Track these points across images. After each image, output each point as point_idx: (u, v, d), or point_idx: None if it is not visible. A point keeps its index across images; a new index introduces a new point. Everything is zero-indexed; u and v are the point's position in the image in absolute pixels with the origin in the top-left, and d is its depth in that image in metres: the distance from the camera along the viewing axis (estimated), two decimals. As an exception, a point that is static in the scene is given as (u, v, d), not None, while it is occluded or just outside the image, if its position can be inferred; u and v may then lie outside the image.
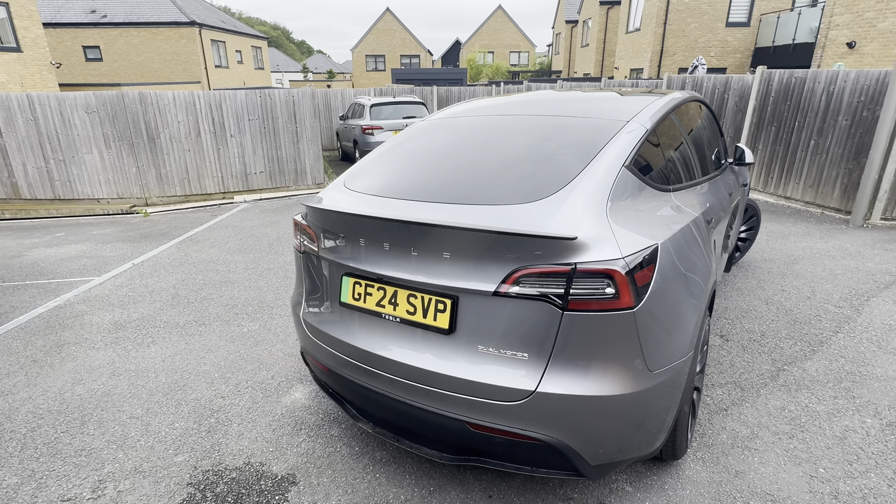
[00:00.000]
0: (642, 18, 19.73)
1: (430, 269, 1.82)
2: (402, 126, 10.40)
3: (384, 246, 1.91)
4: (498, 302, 1.72)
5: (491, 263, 1.71)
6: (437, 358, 1.83)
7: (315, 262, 2.24)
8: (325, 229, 2.14)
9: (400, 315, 1.92)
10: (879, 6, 10.79)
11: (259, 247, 5.92)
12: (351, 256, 2.03)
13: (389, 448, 2.49)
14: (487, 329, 1.75)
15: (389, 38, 42.40)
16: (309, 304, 2.31)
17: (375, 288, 1.98)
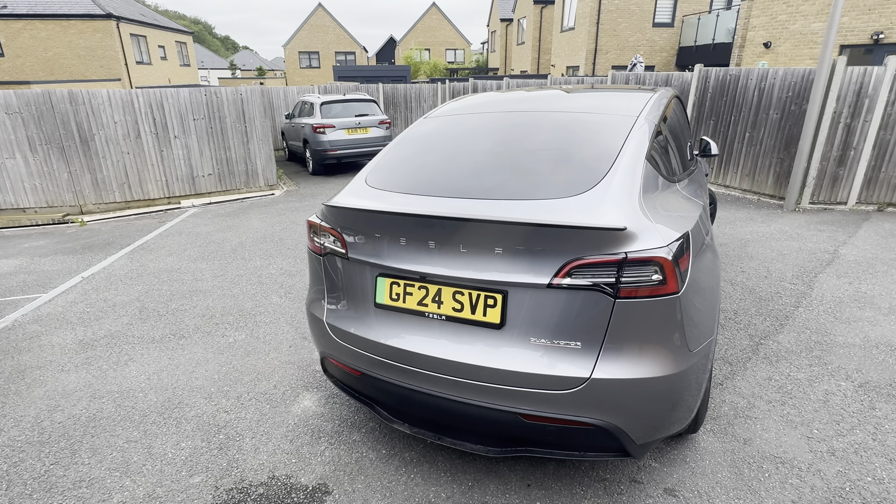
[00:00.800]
0: (576, 18, 20.49)
1: (479, 265, 1.83)
2: (356, 124, 10.22)
3: (429, 244, 1.90)
4: (550, 294, 1.76)
5: (543, 257, 1.75)
6: (487, 353, 1.85)
7: (341, 264, 2.18)
8: (355, 230, 2.09)
9: (445, 313, 1.92)
10: (790, 10, 11.86)
11: (222, 253, 5.63)
12: (388, 256, 2.00)
13: (417, 448, 2.47)
14: (539, 321, 1.79)
15: (323, 35, 41.35)
16: (334, 307, 2.25)
17: (416, 287, 1.97)
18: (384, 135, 10.55)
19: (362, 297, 2.13)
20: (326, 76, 41.41)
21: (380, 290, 2.06)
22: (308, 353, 3.39)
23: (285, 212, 7.49)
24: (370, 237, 2.05)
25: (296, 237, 6.13)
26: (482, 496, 2.17)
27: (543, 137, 2.29)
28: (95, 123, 7.51)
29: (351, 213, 2.07)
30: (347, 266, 2.16)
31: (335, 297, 2.25)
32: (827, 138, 6.67)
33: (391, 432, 2.59)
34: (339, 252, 2.17)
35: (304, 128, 10.50)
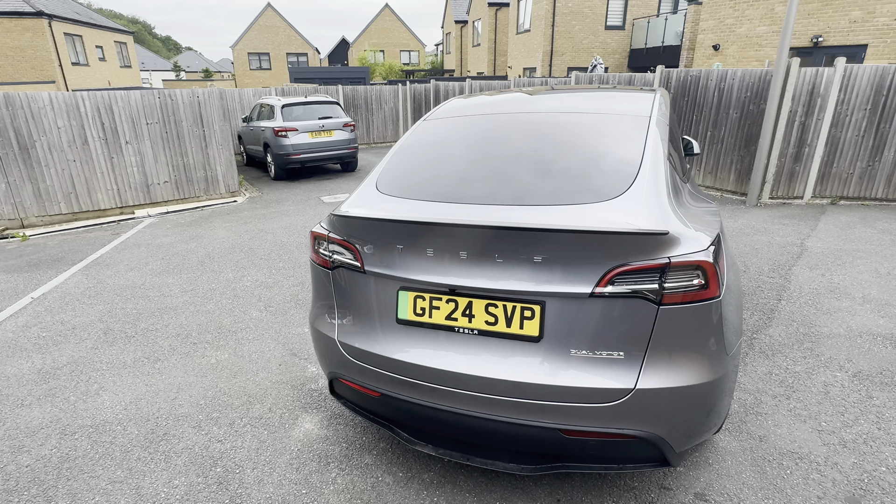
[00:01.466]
0: (531, 20, 20.79)
1: (515, 276, 1.73)
2: (319, 127, 9.92)
3: (461, 255, 1.78)
4: (592, 303, 1.68)
5: (584, 264, 1.67)
6: (525, 367, 1.75)
7: (356, 279, 2.03)
8: (374, 241, 1.94)
9: (478, 327, 1.81)
10: (736, 14, 12.44)
11: (189, 266, 5.28)
12: (412, 269, 1.87)
13: (435, 468, 2.35)
14: (580, 332, 1.71)
15: (273, 36, 40.20)
16: (347, 324, 2.09)
17: (444, 301, 1.84)
18: (348, 138, 10.30)
19: (381, 312, 1.98)
20: (278, 78, 40.28)
21: (402, 304, 1.92)
22: (300, 371, 3.19)
23: (252, 220, 7.14)
24: (391, 249, 1.91)
25: (267, 247, 5.84)
26: (512, 516, 2.07)
27: (559, 140, 2.22)
28: (36, 129, 6.92)
29: (370, 224, 1.92)
30: (363, 280, 2.01)
31: (348, 314, 2.09)
32: (784, 136, 6.99)
33: (405, 453, 2.45)
34: (353, 265, 2.02)
35: (265, 131, 10.10)
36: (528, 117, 2.46)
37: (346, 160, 10.51)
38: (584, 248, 1.66)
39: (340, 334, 2.11)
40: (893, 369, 3.02)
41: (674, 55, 18.24)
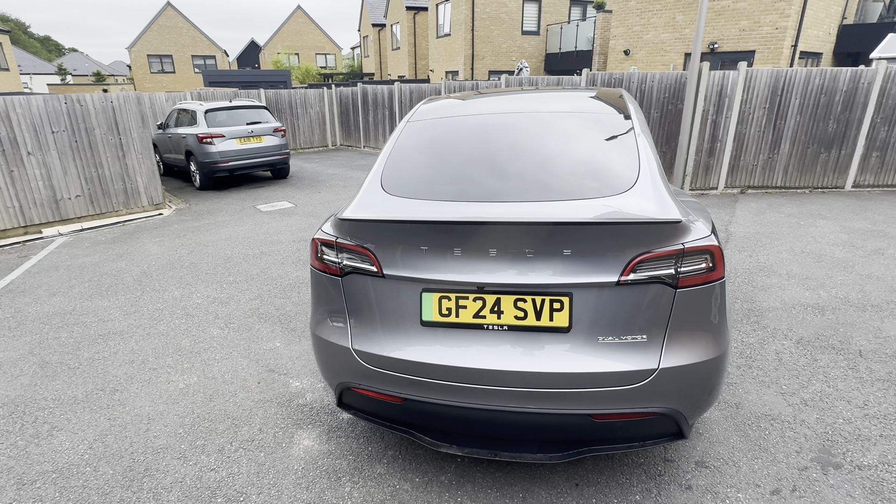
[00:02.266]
0: (451, 25, 21.15)
1: (544, 269, 1.78)
2: (248, 133, 9.43)
3: (490, 252, 1.80)
4: (617, 291, 1.78)
5: (609, 254, 1.76)
6: (556, 358, 1.81)
7: (372, 284, 1.98)
8: (393, 244, 1.91)
9: (507, 323, 1.84)
10: (643, 22, 13.48)
11: (124, 286, 4.82)
12: (436, 269, 1.86)
13: (449, 468, 2.34)
14: (606, 319, 1.80)
15: (176, 37, 37.59)
16: (363, 332, 2.03)
17: (471, 299, 1.86)
18: (279, 143, 9.90)
19: (403, 316, 1.95)
20: (184, 82, 37.74)
21: (426, 306, 1.90)
22: (283, 388, 3.04)
23: (185, 233, 6.65)
24: (414, 251, 1.88)
25: (211, 261, 5.47)
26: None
27: (553, 137, 2.30)
28: (-86, 141, 5.98)
29: (392, 227, 1.89)
30: (381, 285, 1.96)
31: (364, 321, 2.03)
32: (699, 133, 7.70)
33: (416, 457, 2.43)
34: (369, 271, 1.96)
35: (186, 138, 9.44)
36: (517, 117, 2.52)
37: (278, 167, 10.10)
38: (611, 239, 1.74)
39: (356, 342, 2.04)
40: (827, 334, 3.44)
41: (586, 59, 19.36)
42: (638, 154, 2.14)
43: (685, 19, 12.61)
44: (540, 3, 21.03)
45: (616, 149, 2.18)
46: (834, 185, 7.86)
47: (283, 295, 4.45)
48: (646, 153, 2.15)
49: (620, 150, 2.16)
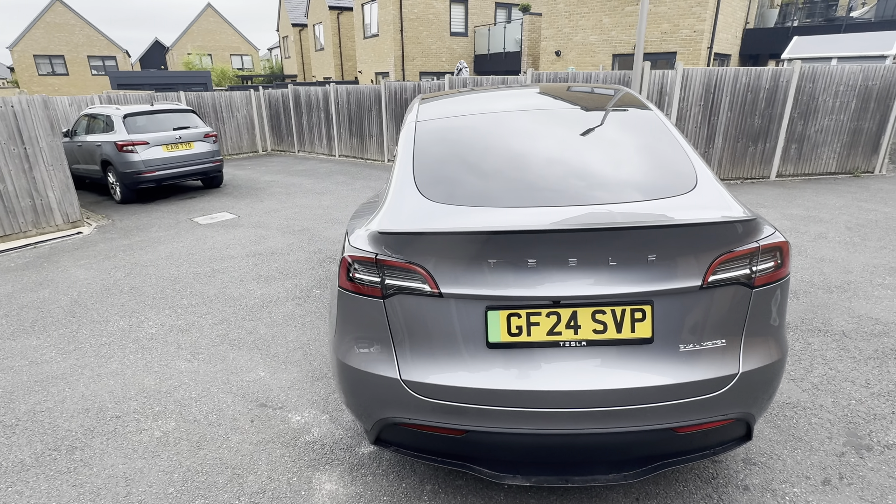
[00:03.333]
0: (379, 25, 20.78)
1: (625, 277, 1.64)
2: (176, 139, 8.59)
3: (570, 262, 1.63)
4: (698, 295, 1.68)
5: (691, 257, 1.65)
6: (639, 372, 1.68)
7: (424, 305, 1.74)
8: (454, 259, 1.68)
9: (585, 338, 1.68)
10: (572, 24, 13.94)
11: (53, 320, 4.14)
12: (505, 284, 1.66)
13: (500, 497, 2.15)
14: (688, 326, 1.69)
15: (68, 35, 34.00)
16: (413, 360, 1.79)
17: (544, 315, 1.67)
18: (211, 150, 9.13)
19: (464, 339, 1.73)
20: (80, 85, 34.26)
21: (493, 326, 1.70)
22: (282, 424, 2.69)
23: (115, 253, 5.89)
24: (478, 265, 1.67)
25: (156, 283, 4.86)
26: (604, 527, 1.98)
27: (587, 135, 2.18)
28: None
29: (453, 239, 1.66)
30: (437, 305, 1.73)
31: (415, 347, 1.79)
32: (643, 130, 8.01)
33: (459, 488, 2.20)
34: (422, 290, 1.72)
35: (102, 147, 8.44)
36: (537, 114, 2.38)
37: (211, 175, 9.31)
38: (695, 240, 1.64)
39: (405, 372, 1.79)
40: (809, 317, 3.62)
41: (515, 60, 19.79)
42: (685, 151, 2.07)
43: (611, 22, 13.20)
44: (466, 4, 21.21)
45: (658, 146, 2.09)
46: (761, 175, 8.50)
47: (253, 317, 4.02)
48: (691, 151, 2.09)
49: (664, 148, 2.08)
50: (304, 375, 3.15)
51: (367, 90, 11.65)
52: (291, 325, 3.85)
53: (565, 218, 1.67)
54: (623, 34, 13.09)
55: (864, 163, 8.56)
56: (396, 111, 11.21)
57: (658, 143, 2.11)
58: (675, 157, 2.02)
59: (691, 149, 2.11)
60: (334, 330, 2.02)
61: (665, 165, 1.96)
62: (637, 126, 2.25)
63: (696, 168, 1.96)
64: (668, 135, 2.17)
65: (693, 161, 2.00)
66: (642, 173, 1.92)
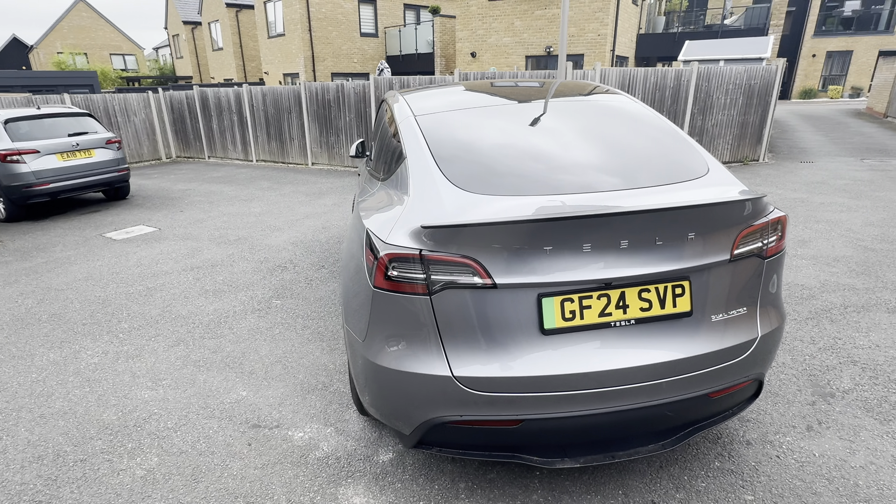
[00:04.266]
0: (285, 24, 19.96)
1: (669, 256, 1.73)
2: (72, 146, 7.61)
3: (621, 244, 1.68)
4: (726, 268, 1.82)
5: (721, 233, 1.79)
6: (682, 344, 1.79)
7: (476, 298, 1.71)
8: (510, 248, 1.67)
9: (634, 316, 1.75)
10: (486, 27, 14.36)
11: (-41, 359, 3.50)
12: (560, 270, 1.68)
13: (537, 485, 2.17)
14: (718, 297, 1.83)
15: None
16: (465, 355, 1.75)
17: (595, 297, 1.72)
18: (115, 157, 8.22)
19: (517, 329, 1.73)
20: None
21: (547, 312, 1.71)
22: (284, 442, 2.51)
23: (17, 278, 5.11)
24: (535, 252, 1.67)
25: (80, 307, 4.29)
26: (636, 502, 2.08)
27: (595, 126, 2.28)
28: None
29: (509, 229, 1.64)
30: (490, 297, 1.71)
31: (467, 342, 1.75)
32: (568, 126, 8.47)
33: (493, 482, 2.19)
34: (474, 283, 1.69)
35: (-22, 157, 7.26)
36: (540, 105, 2.44)
37: (117, 185, 8.38)
38: (724, 218, 1.77)
39: (457, 368, 1.75)
40: (749, 288, 4.04)
41: (428, 62, 19.97)
42: (686, 139, 2.23)
43: (522, 25, 13.78)
44: (375, 5, 21.03)
45: (661, 135, 2.23)
46: (670, 166, 9.33)
47: (213, 334, 3.69)
48: (689, 139, 2.26)
49: (666, 137, 2.23)
50: (293, 390, 2.95)
51: (286, 91, 11.14)
52: (260, 339, 3.59)
53: (619, 202, 1.74)
54: (534, 36, 13.73)
55: (751, 152, 9.73)
56: (319, 112, 10.84)
57: (660, 132, 2.26)
58: (679, 144, 2.17)
59: (689, 137, 2.28)
60: (364, 333, 1.93)
61: (674, 152, 2.10)
62: (635, 117, 2.38)
63: (702, 154, 2.12)
64: (667, 125, 2.33)
65: (696, 148, 2.17)
66: (658, 160, 2.04)
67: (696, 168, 2.01)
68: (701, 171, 2.00)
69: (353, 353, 2.08)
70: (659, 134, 2.24)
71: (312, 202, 7.92)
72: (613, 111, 2.42)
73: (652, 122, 2.34)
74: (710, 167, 2.04)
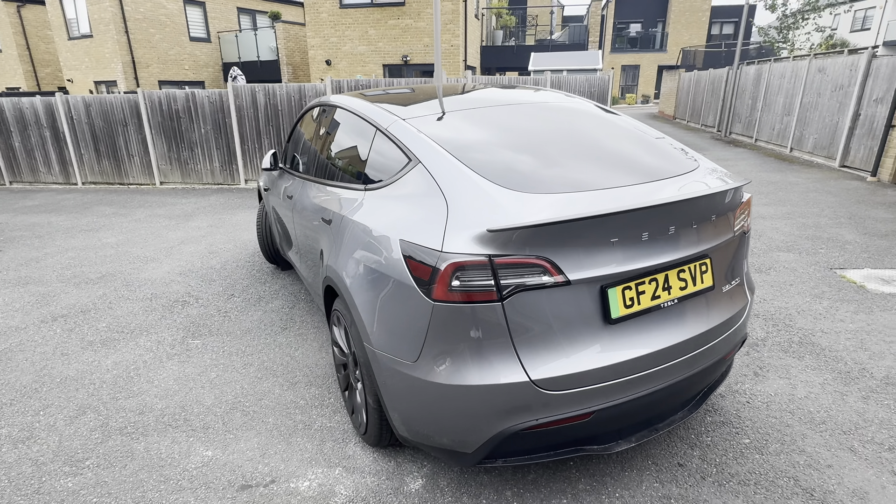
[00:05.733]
0: (91, 23, 17.11)
1: (698, 238, 1.92)
2: None
3: (669, 231, 1.80)
4: (728, 244, 2.08)
5: (727, 214, 2.03)
6: (712, 314, 2.00)
7: (546, 297, 1.70)
8: (573, 245, 1.68)
9: (675, 296, 1.90)
10: (339, 34, 14.07)
11: None
12: (622, 260, 1.75)
13: (572, 474, 2.22)
14: (725, 270, 2.08)
15: None
16: (539, 357, 1.73)
17: (647, 282, 1.83)
18: None
19: (584, 322, 1.75)
20: None
21: (613, 302, 1.77)
22: (291, 496, 2.17)
23: None
24: (598, 246, 1.71)
25: None
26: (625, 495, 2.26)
27: (592, 124, 2.41)
28: None
29: (580, 225, 1.65)
30: (559, 295, 1.70)
31: (540, 343, 1.72)
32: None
33: (535, 482, 2.18)
34: (546, 283, 1.67)
35: None
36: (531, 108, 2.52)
37: None
38: (730, 201, 2.01)
39: (533, 372, 1.71)
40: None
41: (273, 69, 18.91)
42: (665, 137, 2.48)
43: (377, 34, 13.82)
44: (205, 7, 19.20)
45: (648, 134, 2.44)
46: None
47: (127, 392, 3.02)
48: (659, 132, 2.53)
49: (651, 135, 2.45)
50: (269, 436, 2.57)
51: (119, 101, 9.56)
52: (196, 387, 3.05)
53: (663, 192, 1.86)
54: (389, 45, 13.87)
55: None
56: (166, 125, 9.52)
57: (645, 132, 2.48)
58: (664, 142, 2.40)
59: (658, 132, 2.54)
60: (416, 354, 1.78)
61: (666, 148, 2.32)
62: (609, 119, 2.57)
63: (685, 149, 2.38)
64: (649, 126, 2.57)
65: (677, 143, 2.43)
66: (660, 155, 2.23)
67: (691, 162, 2.25)
68: (696, 165, 2.23)
69: (392, 378, 1.90)
70: (649, 135, 2.45)
71: (181, 226, 6.94)
72: (583, 112, 2.59)
73: (634, 125, 2.56)
74: (700, 161, 2.30)
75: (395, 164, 2.21)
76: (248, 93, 9.11)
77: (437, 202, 1.87)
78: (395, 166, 2.21)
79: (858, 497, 2.04)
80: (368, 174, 2.41)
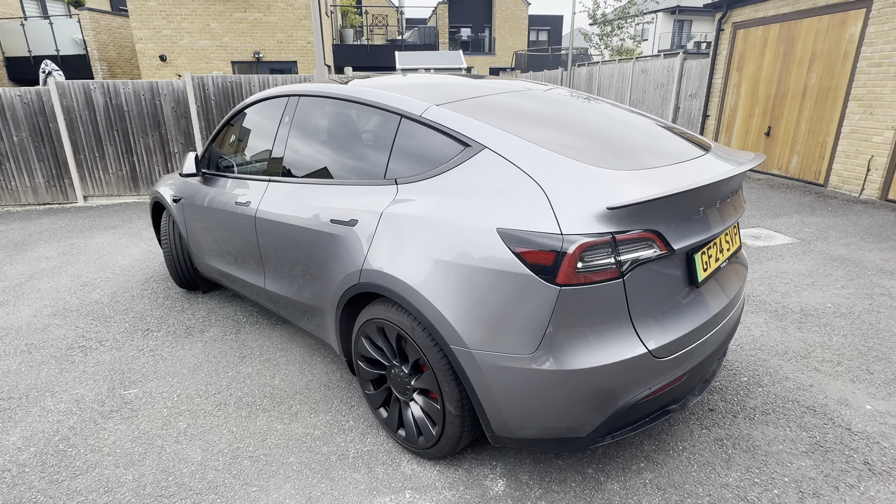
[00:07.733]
0: None
1: (734, 206, 2.15)
2: None
3: (716, 204, 1.98)
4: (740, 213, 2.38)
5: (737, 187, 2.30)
6: (738, 270, 2.28)
7: (655, 269, 1.78)
8: (674, 218, 1.78)
9: (724, 257, 2.11)
10: (173, 26, 12.37)
11: None
12: (704, 229, 1.90)
13: (592, 459, 2.33)
14: (738, 234, 2.38)
15: None
16: (652, 327, 1.80)
17: (713, 246, 2.02)
18: None
19: (678, 287, 1.87)
20: None
21: (698, 267, 1.91)
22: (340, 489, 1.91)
23: None
24: (688, 217, 1.83)
25: None
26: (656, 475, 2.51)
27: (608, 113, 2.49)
28: None
29: (681, 198, 1.74)
30: (664, 265, 1.79)
31: (650, 314, 1.79)
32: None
33: (564, 481, 2.24)
34: (655, 256, 1.74)
35: None
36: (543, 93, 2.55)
37: None
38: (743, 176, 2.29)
39: (649, 342, 1.76)
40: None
41: (80, 65, 15.98)
42: (667, 122, 2.70)
43: (221, 28, 12.49)
44: (-30, -13, 15.29)
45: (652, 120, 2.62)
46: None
47: (71, 471, 2.32)
48: None
49: (656, 119, 2.64)
50: (303, 478, 2.20)
51: None
52: (167, 443, 2.47)
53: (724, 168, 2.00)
54: (237, 41, 12.65)
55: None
56: (-43, 133, 7.39)
57: (654, 118, 2.66)
58: (666, 123, 2.62)
59: None
60: (535, 345, 1.72)
61: (681, 132, 2.52)
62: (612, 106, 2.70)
63: (688, 131, 2.63)
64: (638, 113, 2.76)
65: (688, 128, 2.67)
66: (677, 137, 2.41)
67: (706, 143, 2.43)
68: (710, 145, 2.43)
69: (499, 375, 1.79)
70: (645, 118, 2.63)
71: (17, 258, 5.49)
72: (584, 98, 2.71)
73: (622, 108, 2.73)
74: (714, 144, 2.55)
75: (443, 152, 2.06)
76: (80, 91, 7.54)
77: (525, 185, 1.79)
78: (443, 155, 2.06)
79: (843, 404, 2.51)
80: (396, 167, 2.21)
